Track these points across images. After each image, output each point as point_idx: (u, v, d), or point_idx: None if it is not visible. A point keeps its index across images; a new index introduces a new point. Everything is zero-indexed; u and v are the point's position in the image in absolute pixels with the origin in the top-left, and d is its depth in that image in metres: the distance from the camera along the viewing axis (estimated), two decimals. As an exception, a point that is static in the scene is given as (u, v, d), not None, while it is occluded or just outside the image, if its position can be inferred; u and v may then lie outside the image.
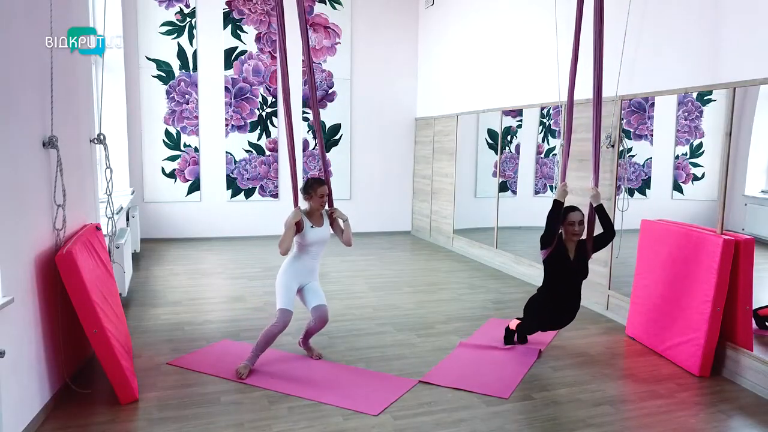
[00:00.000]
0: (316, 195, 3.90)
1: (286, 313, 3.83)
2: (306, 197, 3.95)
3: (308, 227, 3.90)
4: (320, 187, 3.91)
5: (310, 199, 3.93)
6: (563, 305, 4.01)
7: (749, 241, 3.86)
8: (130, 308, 5.16)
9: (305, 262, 3.97)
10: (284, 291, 3.89)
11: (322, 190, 3.91)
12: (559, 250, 3.91)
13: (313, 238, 3.92)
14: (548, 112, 6.69)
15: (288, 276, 3.92)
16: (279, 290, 3.91)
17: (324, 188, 3.92)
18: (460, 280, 6.60)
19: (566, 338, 4.60)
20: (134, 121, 8.15)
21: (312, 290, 4.02)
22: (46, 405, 3.21)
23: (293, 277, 3.93)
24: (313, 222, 3.94)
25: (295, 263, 3.96)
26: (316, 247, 3.97)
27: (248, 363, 3.81)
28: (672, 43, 4.53)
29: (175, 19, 8.24)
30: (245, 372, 3.75)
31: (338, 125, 9.18)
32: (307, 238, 3.90)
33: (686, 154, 5.24)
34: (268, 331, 3.82)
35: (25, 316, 3.02)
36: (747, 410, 3.48)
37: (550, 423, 3.28)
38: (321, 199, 3.91)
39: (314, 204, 3.93)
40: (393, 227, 9.68)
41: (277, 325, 3.81)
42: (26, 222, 3.09)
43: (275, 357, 4.08)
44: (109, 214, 4.38)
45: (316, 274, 4.08)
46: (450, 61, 8.43)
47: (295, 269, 3.95)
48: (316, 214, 3.97)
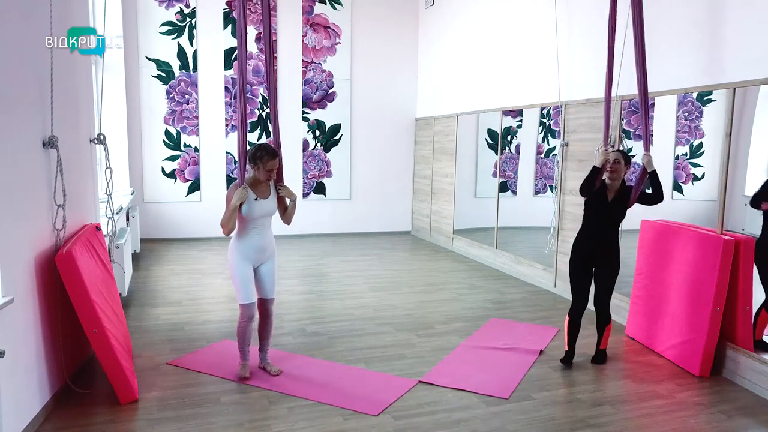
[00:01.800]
0: (264, 168, 3.50)
1: (246, 307, 3.64)
2: (252, 166, 3.54)
3: (252, 199, 3.52)
4: (271, 161, 3.50)
5: (257, 169, 3.53)
6: (595, 240, 4.06)
7: (749, 241, 3.86)
8: (130, 308, 5.16)
9: (252, 240, 3.59)
10: (239, 282, 3.60)
11: (272, 164, 3.51)
12: (600, 190, 4.04)
13: (259, 212, 3.55)
14: (548, 113, 6.69)
15: (237, 262, 3.59)
16: (233, 282, 3.64)
17: (274, 162, 3.52)
18: (460, 280, 6.60)
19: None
20: (134, 121, 8.15)
21: (262, 276, 3.70)
22: (46, 405, 3.21)
23: (244, 261, 3.59)
24: (257, 193, 3.55)
25: (241, 244, 3.59)
26: (261, 221, 3.61)
27: (243, 362, 3.79)
28: (672, 44, 4.53)
29: (175, 19, 8.24)
30: (245, 372, 3.74)
31: (338, 125, 9.18)
32: (252, 212, 3.53)
33: (686, 155, 5.23)
34: (238, 329, 3.73)
35: (25, 316, 3.03)
36: (747, 410, 3.48)
37: (550, 423, 3.28)
38: (269, 173, 3.53)
39: (260, 176, 3.54)
40: (393, 227, 9.68)
41: (241, 322, 3.69)
42: (26, 222, 3.09)
43: (274, 356, 4.07)
44: (109, 214, 4.38)
45: (270, 252, 3.71)
46: (450, 61, 8.43)
47: (243, 251, 3.59)
48: (261, 184, 3.59)
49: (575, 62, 5.66)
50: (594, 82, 5.36)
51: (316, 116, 9.07)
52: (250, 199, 3.51)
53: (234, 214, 3.46)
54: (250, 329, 3.75)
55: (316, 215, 9.20)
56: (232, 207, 3.44)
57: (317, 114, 9.08)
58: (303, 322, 4.94)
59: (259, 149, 3.53)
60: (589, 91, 5.42)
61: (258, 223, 3.60)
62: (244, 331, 3.74)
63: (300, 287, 6.28)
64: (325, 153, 9.19)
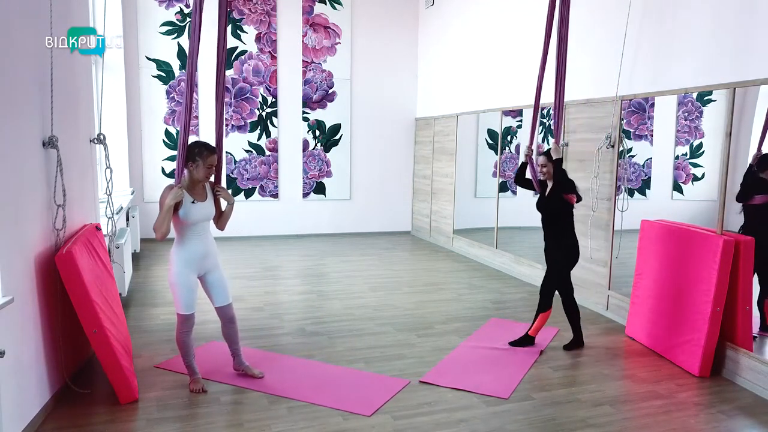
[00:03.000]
0: (204, 164, 3.34)
1: (186, 318, 3.45)
2: (191, 164, 3.34)
3: (188, 203, 3.33)
4: (210, 156, 3.35)
5: (195, 167, 3.34)
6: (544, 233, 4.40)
7: (749, 241, 3.86)
8: (130, 308, 5.16)
9: (193, 246, 3.41)
10: (180, 290, 3.40)
11: (212, 159, 3.36)
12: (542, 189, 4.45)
13: (197, 216, 3.38)
14: (548, 112, 6.69)
15: (180, 270, 3.39)
16: (173, 290, 3.44)
17: (214, 158, 3.38)
18: (460, 280, 6.60)
19: (566, 338, 4.59)
20: (134, 121, 8.15)
21: (212, 284, 3.55)
22: (46, 405, 3.21)
23: (186, 269, 3.40)
24: (194, 196, 3.38)
25: (183, 252, 3.40)
26: (200, 226, 3.44)
27: (194, 377, 3.56)
28: (672, 44, 4.52)
29: (175, 19, 8.24)
30: (198, 386, 3.53)
31: (338, 125, 9.18)
32: (189, 216, 3.35)
33: (686, 155, 5.24)
34: (177, 341, 3.51)
35: (25, 316, 3.02)
36: (747, 410, 3.48)
37: (550, 423, 3.28)
38: (209, 169, 3.37)
39: (198, 174, 3.36)
40: (393, 227, 9.68)
41: (181, 332, 3.46)
42: (26, 222, 3.09)
43: (265, 357, 4.07)
44: (109, 214, 4.37)
45: (213, 258, 3.55)
46: (450, 61, 8.43)
47: (187, 259, 3.40)
48: (198, 186, 3.42)
49: (575, 62, 5.65)
50: (594, 82, 5.37)
51: (316, 116, 9.07)
52: (186, 202, 3.33)
53: (168, 216, 3.25)
54: (191, 340, 3.55)
55: (316, 215, 9.20)
56: (167, 207, 3.23)
57: (317, 114, 9.08)
58: (303, 322, 4.94)
59: (196, 144, 3.38)
60: (589, 91, 5.42)
61: (198, 228, 3.43)
62: (185, 342, 3.50)
63: (300, 287, 6.28)
64: (325, 153, 9.19)
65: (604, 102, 5.20)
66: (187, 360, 3.56)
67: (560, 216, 4.27)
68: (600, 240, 5.26)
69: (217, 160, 3.44)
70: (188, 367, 3.59)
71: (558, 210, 4.25)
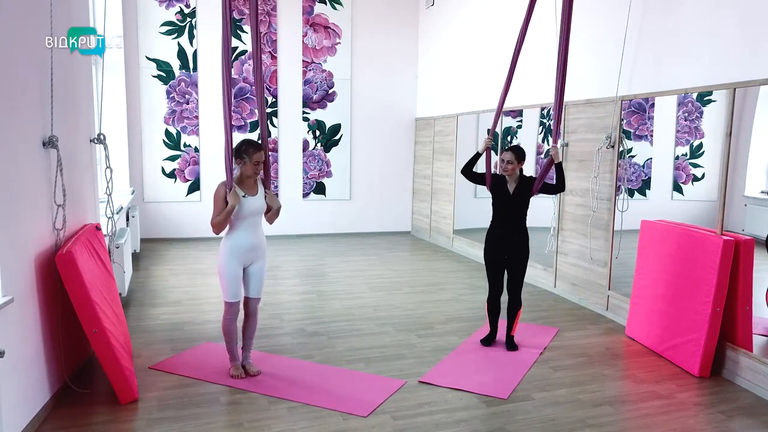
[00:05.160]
0: (251, 161, 3.48)
1: (231, 305, 3.64)
2: (238, 161, 3.51)
3: (240, 196, 3.49)
4: (256, 153, 3.48)
5: (243, 164, 3.50)
6: (505, 231, 4.28)
7: (749, 241, 3.86)
8: (130, 308, 5.16)
9: (243, 239, 3.55)
10: (226, 280, 3.58)
11: (258, 156, 3.48)
12: (499, 183, 4.31)
13: (248, 209, 3.52)
14: (548, 113, 6.69)
15: (227, 260, 3.55)
16: (221, 279, 3.61)
17: (260, 154, 3.49)
18: (460, 280, 6.60)
19: (566, 338, 4.60)
20: (134, 121, 8.15)
21: (252, 275, 3.67)
22: (46, 405, 3.21)
23: (233, 260, 3.55)
24: (245, 191, 3.53)
25: (232, 243, 3.55)
26: (251, 219, 3.57)
27: (234, 363, 3.76)
28: (672, 44, 4.53)
29: (175, 19, 8.24)
30: (238, 372, 3.72)
31: (338, 125, 9.18)
32: (240, 209, 3.49)
33: (686, 155, 5.24)
34: (223, 327, 3.71)
35: (25, 316, 3.03)
36: (746, 411, 3.48)
37: (550, 423, 3.28)
38: (256, 166, 3.50)
39: (247, 170, 3.51)
40: (393, 227, 9.68)
41: (227, 319, 3.67)
42: (26, 222, 3.09)
43: (265, 358, 4.07)
44: (109, 214, 4.38)
45: (261, 251, 3.66)
46: (450, 61, 8.42)
47: (234, 250, 3.55)
48: (248, 181, 3.56)
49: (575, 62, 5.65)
50: (594, 82, 5.37)
51: (316, 116, 9.07)
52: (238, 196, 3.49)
53: (228, 217, 3.46)
54: (235, 327, 3.73)
55: (316, 215, 9.20)
56: (228, 210, 3.42)
57: (317, 114, 9.08)
58: (303, 322, 4.93)
59: (243, 143, 3.54)
60: (589, 91, 5.42)
61: (248, 221, 3.56)
62: (230, 329, 3.70)
63: (300, 287, 6.28)
64: (325, 153, 9.19)
65: (604, 102, 5.20)
66: (229, 345, 3.73)
67: (526, 209, 4.32)
68: (600, 240, 5.27)
69: (263, 156, 3.55)
70: (230, 352, 3.76)
71: (527, 205, 4.30)
